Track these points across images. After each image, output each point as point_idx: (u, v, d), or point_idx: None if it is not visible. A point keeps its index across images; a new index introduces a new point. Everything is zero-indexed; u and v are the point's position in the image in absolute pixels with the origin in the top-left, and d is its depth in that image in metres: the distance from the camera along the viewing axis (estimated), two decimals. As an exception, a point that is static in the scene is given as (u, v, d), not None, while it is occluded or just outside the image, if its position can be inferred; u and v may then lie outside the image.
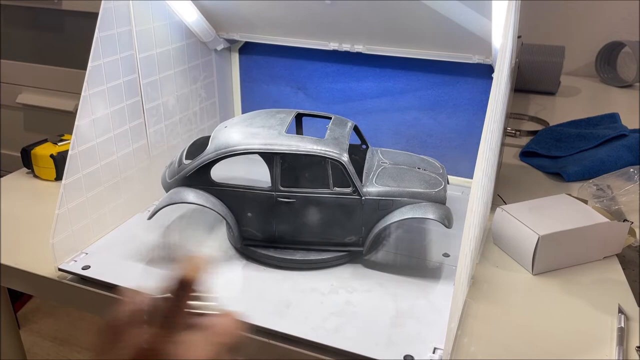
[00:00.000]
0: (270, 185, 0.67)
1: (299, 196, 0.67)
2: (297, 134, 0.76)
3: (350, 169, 0.66)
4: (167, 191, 0.70)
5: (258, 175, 0.77)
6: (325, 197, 0.67)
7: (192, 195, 0.68)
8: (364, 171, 0.70)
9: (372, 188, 0.67)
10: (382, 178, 0.69)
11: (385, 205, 0.67)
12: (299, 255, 0.69)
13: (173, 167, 0.71)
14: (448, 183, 0.72)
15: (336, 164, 0.66)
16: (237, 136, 0.68)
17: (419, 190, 0.67)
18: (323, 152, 0.66)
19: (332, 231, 0.69)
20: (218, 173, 0.69)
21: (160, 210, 0.68)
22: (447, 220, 0.65)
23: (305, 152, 0.66)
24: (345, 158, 0.66)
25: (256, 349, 0.60)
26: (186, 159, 0.70)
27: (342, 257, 0.70)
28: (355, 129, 0.75)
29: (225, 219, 0.69)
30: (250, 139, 0.68)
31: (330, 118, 0.74)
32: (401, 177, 0.69)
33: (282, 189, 0.67)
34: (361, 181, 0.67)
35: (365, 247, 0.69)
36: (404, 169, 0.71)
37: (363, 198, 0.66)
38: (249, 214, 0.69)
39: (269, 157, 0.67)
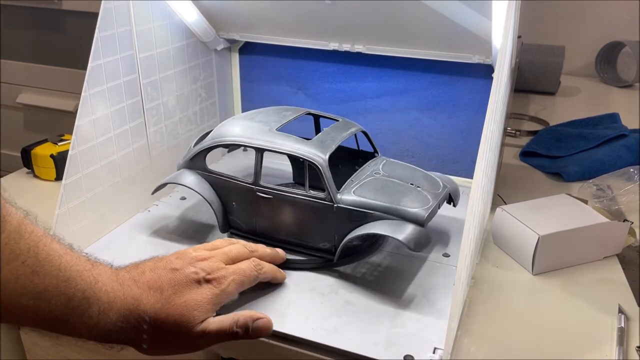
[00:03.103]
0: (252, 179, 0.68)
1: (276, 194, 0.67)
2: (316, 134, 0.76)
3: (327, 173, 0.65)
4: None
5: (265, 169, 0.78)
6: (299, 198, 0.66)
7: (188, 179, 0.72)
8: (350, 179, 0.68)
9: (348, 197, 0.65)
10: (365, 189, 0.66)
11: (357, 216, 0.64)
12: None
13: (187, 151, 0.75)
14: (454, 204, 0.71)
15: (314, 166, 0.65)
16: (233, 129, 0.71)
17: (395, 206, 0.64)
18: (301, 152, 0.66)
19: (307, 234, 0.68)
20: (230, 162, 0.69)
21: (161, 210, 0.69)
22: (412, 243, 0.61)
23: (284, 151, 0.67)
24: (321, 161, 0.65)
25: (256, 349, 0.60)
26: (194, 145, 0.73)
27: (317, 262, 0.68)
28: (366, 135, 0.74)
29: (210, 205, 0.71)
30: (240, 132, 0.70)
31: (338, 121, 0.74)
32: (385, 191, 0.66)
33: (261, 184, 0.68)
34: (339, 188, 0.66)
35: (336, 256, 0.67)
36: (394, 182, 0.68)
37: (335, 205, 0.65)
38: (234, 204, 0.71)
39: (256, 151, 0.68)
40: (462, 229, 0.53)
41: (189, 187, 0.72)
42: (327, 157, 0.66)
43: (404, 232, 0.62)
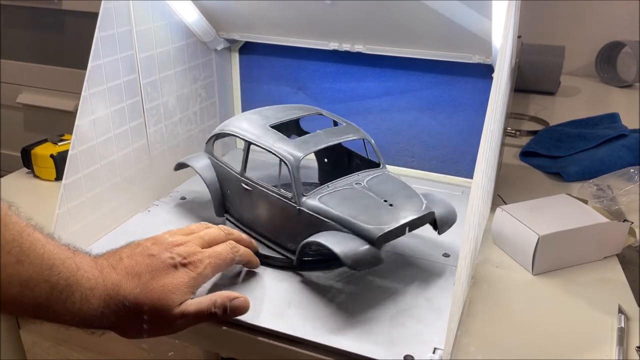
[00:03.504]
0: (239, 169, 0.71)
1: (255, 187, 0.69)
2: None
3: (295, 174, 0.64)
4: None
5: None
6: (270, 195, 0.67)
7: (199, 163, 0.77)
8: (326, 184, 0.67)
9: (311, 201, 0.64)
10: (333, 197, 0.65)
11: (316, 222, 0.63)
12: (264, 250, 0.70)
13: None
14: (438, 229, 0.66)
15: (285, 165, 0.65)
16: (238, 121, 0.74)
17: (350, 219, 0.61)
18: (277, 149, 0.67)
19: (277, 232, 0.69)
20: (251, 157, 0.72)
21: (161, 210, 0.70)
22: (350, 260, 0.58)
23: (264, 146, 0.68)
24: (292, 160, 0.65)
25: (256, 349, 0.60)
26: None
27: (283, 261, 0.68)
28: (371, 144, 0.73)
29: (208, 188, 0.75)
30: (239, 124, 0.73)
31: (343, 124, 0.73)
32: (350, 203, 0.64)
33: (245, 175, 0.70)
34: (308, 191, 0.65)
35: (295, 259, 0.66)
36: (367, 196, 0.65)
37: (297, 207, 0.65)
38: (228, 192, 0.74)
39: (244, 143, 0.71)
40: (461, 229, 0.53)
41: (194, 169, 0.76)
42: (300, 157, 0.65)
43: (346, 246, 0.59)
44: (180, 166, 0.79)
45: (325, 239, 0.61)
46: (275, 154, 0.67)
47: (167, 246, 0.58)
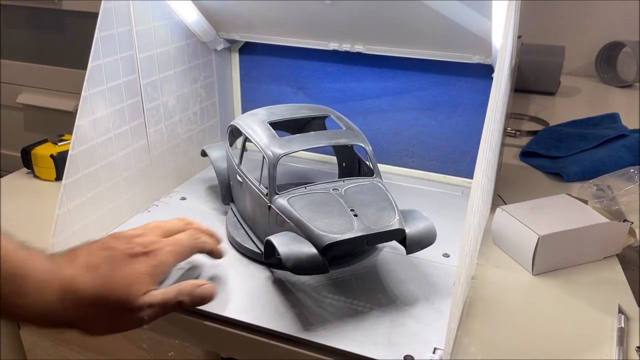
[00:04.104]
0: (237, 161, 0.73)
1: (244, 179, 0.70)
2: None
3: (271, 171, 0.65)
4: None
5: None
6: (252, 188, 0.68)
7: (215, 153, 0.81)
8: (304, 185, 0.67)
9: (280, 200, 0.64)
10: (302, 199, 0.64)
11: (280, 221, 0.63)
12: (248, 243, 0.70)
13: None
14: (407, 251, 0.63)
15: (265, 161, 0.67)
16: (246, 115, 0.76)
17: (306, 223, 0.60)
18: (260, 144, 0.68)
19: (256, 226, 0.70)
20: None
21: (161, 210, 0.72)
22: (290, 262, 0.57)
23: (252, 140, 0.69)
24: (271, 156, 0.66)
25: (256, 349, 0.60)
26: None
27: (255, 255, 0.69)
28: (366, 152, 0.72)
29: (217, 176, 0.78)
30: (245, 118, 0.74)
31: (343, 128, 0.73)
32: (315, 207, 0.63)
33: (240, 167, 0.72)
34: (279, 190, 0.65)
35: (263, 255, 0.66)
36: (335, 202, 0.64)
37: (268, 204, 0.65)
38: (231, 182, 0.77)
39: (242, 136, 0.73)
40: (461, 229, 0.53)
41: (209, 157, 0.81)
42: (279, 154, 0.66)
43: (292, 248, 0.58)
44: (204, 153, 0.83)
45: (276, 238, 0.60)
46: (259, 149, 0.68)
47: (125, 239, 0.58)
